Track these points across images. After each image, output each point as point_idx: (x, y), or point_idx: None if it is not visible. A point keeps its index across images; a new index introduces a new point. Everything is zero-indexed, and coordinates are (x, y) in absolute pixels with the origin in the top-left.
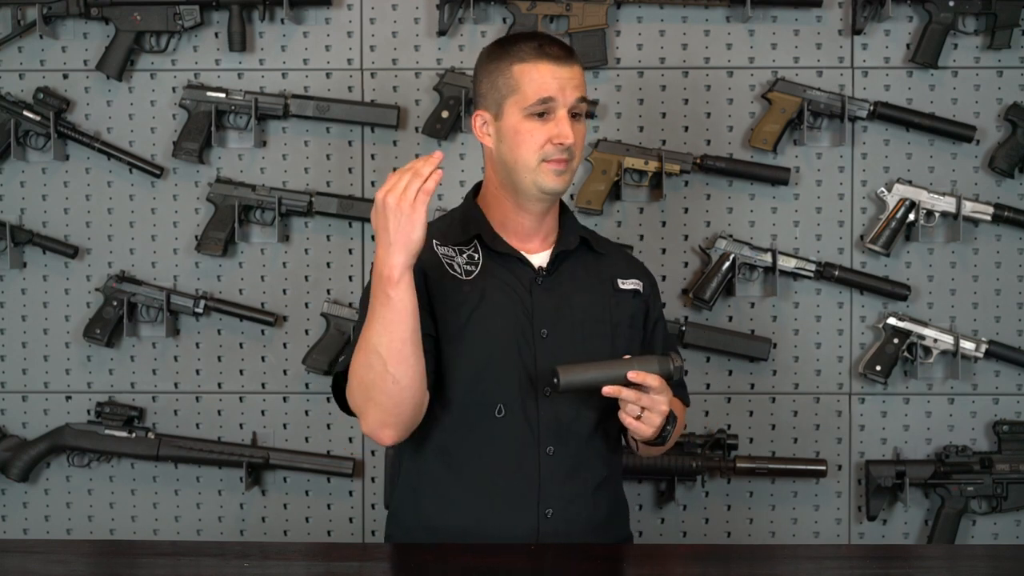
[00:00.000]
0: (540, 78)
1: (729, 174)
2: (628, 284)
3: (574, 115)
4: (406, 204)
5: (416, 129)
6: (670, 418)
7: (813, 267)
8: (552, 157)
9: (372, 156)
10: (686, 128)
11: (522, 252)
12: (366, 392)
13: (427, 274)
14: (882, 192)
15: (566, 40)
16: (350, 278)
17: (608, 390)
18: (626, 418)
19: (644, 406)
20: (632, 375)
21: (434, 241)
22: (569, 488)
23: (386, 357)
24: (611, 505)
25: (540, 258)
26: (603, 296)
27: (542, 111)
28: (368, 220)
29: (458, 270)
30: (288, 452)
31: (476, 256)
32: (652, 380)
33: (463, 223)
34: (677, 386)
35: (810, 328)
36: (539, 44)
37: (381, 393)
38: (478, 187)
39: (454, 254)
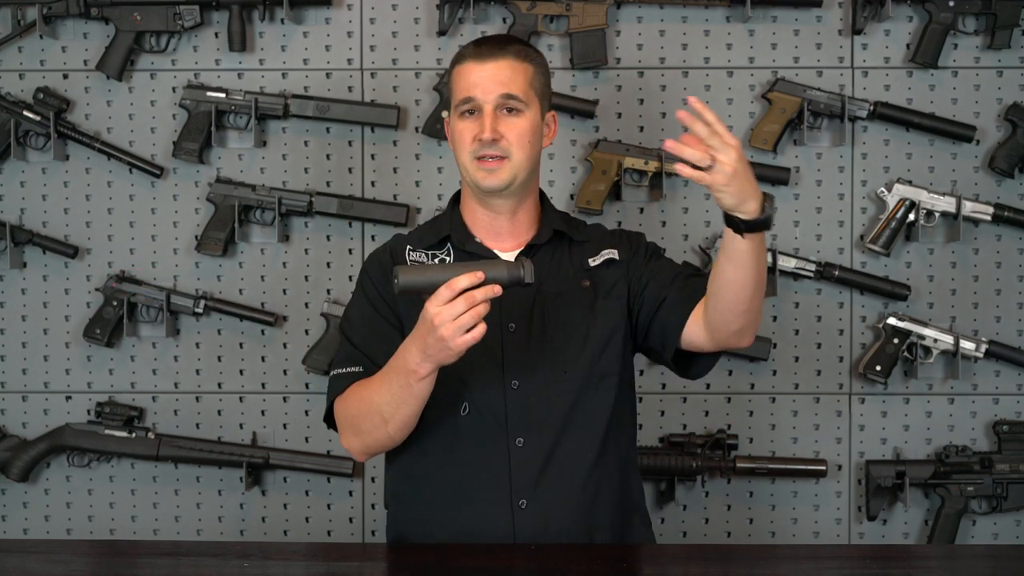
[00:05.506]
0: (465, 77)
1: None
2: (599, 259)
3: (509, 110)
4: (453, 341)
5: (416, 129)
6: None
7: (813, 267)
8: (479, 154)
9: (372, 156)
10: (686, 128)
11: (494, 250)
12: (356, 428)
13: None
14: (882, 192)
15: (566, 40)
16: (350, 278)
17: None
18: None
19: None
20: (476, 276)
21: (408, 247)
22: (544, 479)
23: (388, 420)
24: (606, 498)
25: (512, 255)
26: (575, 284)
27: (468, 110)
28: (368, 220)
29: None
30: (288, 452)
31: (447, 259)
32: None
33: (436, 227)
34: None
35: (810, 328)
36: (475, 44)
37: (371, 438)
38: (460, 192)
39: (425, 259)
